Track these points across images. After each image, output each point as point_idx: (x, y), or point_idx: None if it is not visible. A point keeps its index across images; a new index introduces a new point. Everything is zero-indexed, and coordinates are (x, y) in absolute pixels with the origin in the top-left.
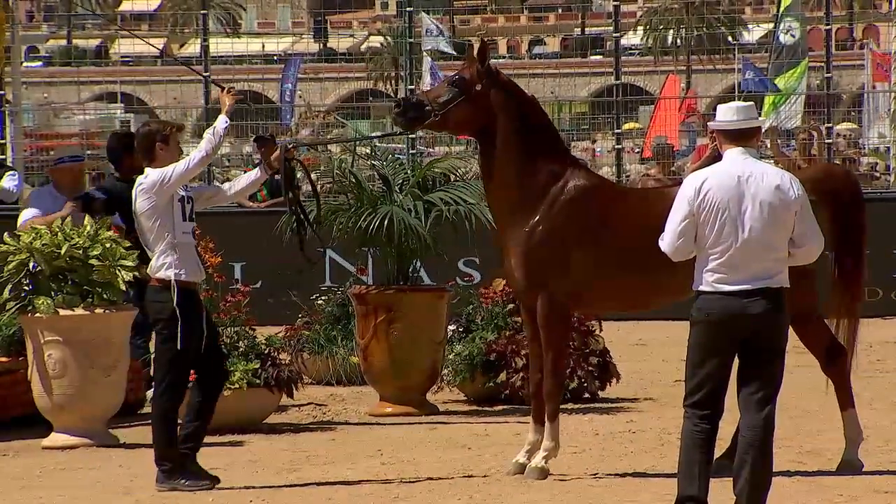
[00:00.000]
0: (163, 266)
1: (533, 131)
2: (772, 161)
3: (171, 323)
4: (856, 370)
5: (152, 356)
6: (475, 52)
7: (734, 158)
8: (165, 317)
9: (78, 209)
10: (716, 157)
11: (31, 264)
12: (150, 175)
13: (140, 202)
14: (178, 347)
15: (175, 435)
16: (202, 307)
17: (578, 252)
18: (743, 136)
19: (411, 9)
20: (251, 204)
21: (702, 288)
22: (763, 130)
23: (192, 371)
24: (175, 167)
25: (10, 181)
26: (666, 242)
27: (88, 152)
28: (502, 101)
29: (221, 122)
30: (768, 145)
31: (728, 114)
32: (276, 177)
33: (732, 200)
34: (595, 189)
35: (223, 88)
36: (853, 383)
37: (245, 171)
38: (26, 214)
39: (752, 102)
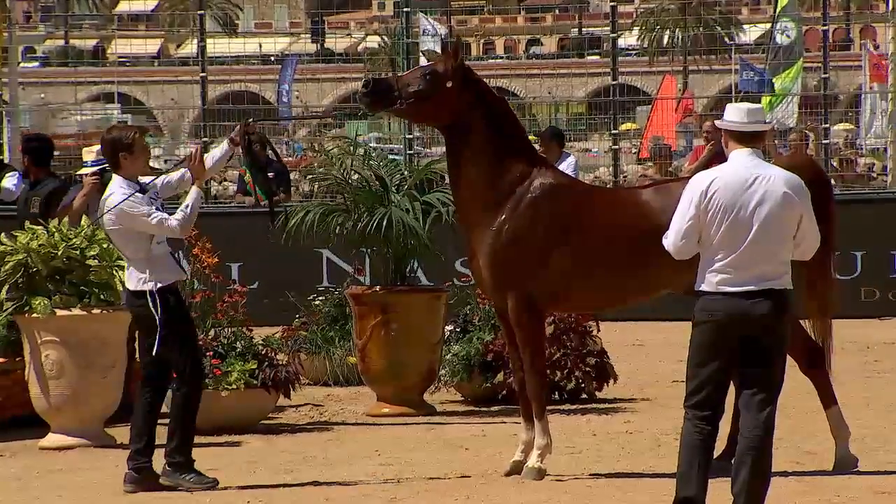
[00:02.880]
0: (141, 280)
1: (502, 132)
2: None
3: (168, 320)
4: (848, 371)
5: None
6: (451, 48)
7: (742, 160)
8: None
9: (98, 185)
10: (712, 159)
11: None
12: (116, 198)
13: (107, 218)
14: (180, 346)
15: (194, 427)
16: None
17: (547, 251)
18: (751, 138)
19: (408, 9)
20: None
21: (704, 288)
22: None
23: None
24: (150, 218)
25: (10, 181)
26: (669, 242)
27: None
28: (472, 100)
29: (195, 194)
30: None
31: (739, 115)
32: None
33: (740, 202)
34: (562, 188)
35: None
36: (849, 384)
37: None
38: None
39: (760, 105)
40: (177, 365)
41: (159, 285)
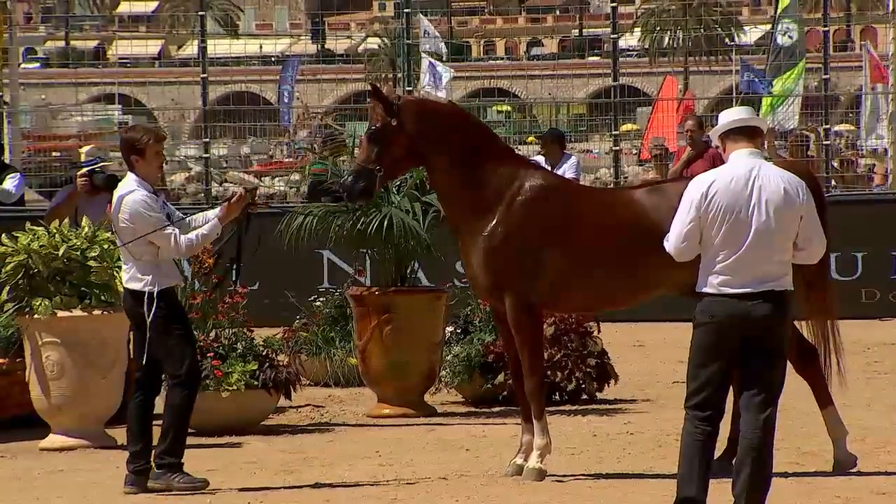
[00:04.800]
0: (142, 281)
1: (468, 139)
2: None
3: (165, 321)
4: (849, 372)
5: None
6: (373, 96)
7: (741, 160)
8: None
9: (87, 187)
10: (690, 160)
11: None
12: (136, 197)
13: (121, 217)
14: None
15: (187, 430)
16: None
17: (541, 252)
18: (749, 136)
19: (409, 10)
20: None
21: (706, 290)
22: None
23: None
24: (162, 228)
25: (11, 182)
26: (671, 244)
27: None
28: (418, 120)
29: (213, 227)
30: (766, 146)
31: (733, 114)
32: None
33: (739, 203)
34: (554, 188)
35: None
36: (850, 384)
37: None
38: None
39: (750, 107)
40: (172, 367)
41: (158, 288)
